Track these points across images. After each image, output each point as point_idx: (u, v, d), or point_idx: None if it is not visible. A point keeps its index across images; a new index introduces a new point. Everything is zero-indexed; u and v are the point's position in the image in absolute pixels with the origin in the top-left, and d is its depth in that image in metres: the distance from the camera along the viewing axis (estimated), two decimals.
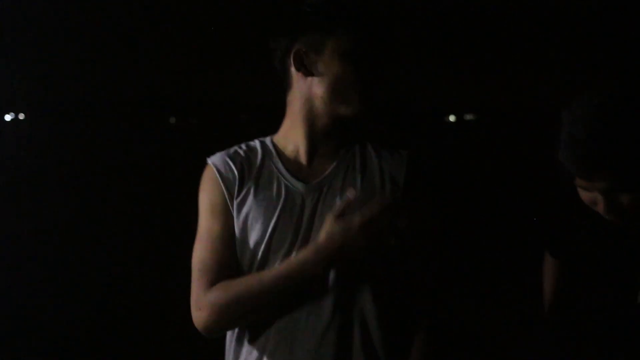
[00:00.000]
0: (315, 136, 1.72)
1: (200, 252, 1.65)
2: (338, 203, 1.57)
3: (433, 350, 1.71)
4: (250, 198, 1.64)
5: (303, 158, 1.73)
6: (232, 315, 1.59)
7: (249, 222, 1.62)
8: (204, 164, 1.82)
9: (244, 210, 1.65)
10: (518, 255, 1.79)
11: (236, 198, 1.66)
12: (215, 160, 1.70)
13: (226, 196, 1.66)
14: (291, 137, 1.75)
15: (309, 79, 1.64)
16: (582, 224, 1.71)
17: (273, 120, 1.82)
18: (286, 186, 1.65)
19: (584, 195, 1.55)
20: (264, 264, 1.61)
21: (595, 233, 1.68)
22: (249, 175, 1.66)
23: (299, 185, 1.65)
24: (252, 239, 1.62)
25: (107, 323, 4.61)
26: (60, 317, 4.52)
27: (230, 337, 1.69)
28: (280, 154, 1.72)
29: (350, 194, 1.53)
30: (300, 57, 1.66)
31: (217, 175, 1.67)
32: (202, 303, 1.60)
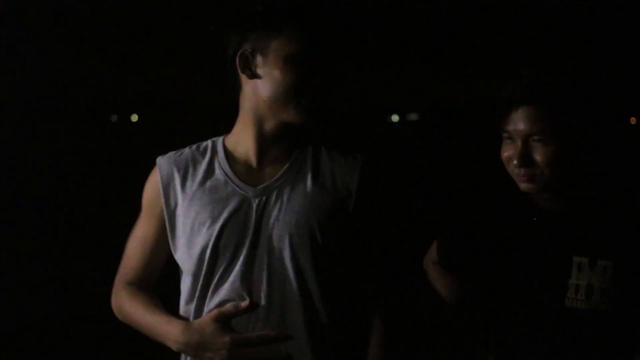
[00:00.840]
0: (264, 139, 1.69)
1: (129, 245, 1.78)
2: (229, 306, 1.61)
3: (388, 337, 1.73)
4: (197, 202, 1.68)
5: (253, 161, 1.71)
6: (128, 323, 1.75)
7: (196, 226, 1.66)
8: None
9: (191, 214, 1.68)
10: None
11: (182, 203, 1.69)
12: (161, 162, 1.74)
13: (162, 202, 1.71)
14: (242, 138, 1.72)
15: (254, 81, 1.66)
16: (514, 225, 1.76)
17: (218, 120, 1.81)
18: (233, 189, 1.67)
19: (505, 150, 1.66)
20: (212, 267, 1.65)
21: (524, 238, 1.72)
22: (194, 178, 1.71)
23: (247, 189, 1.67)
24: (199, 242, 1.65)
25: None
26: None
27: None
28: (229, 155, 1.72)
29: (244, 303, 1.59)
30: (246, 59, 1.66)
31: (159, 179, 1.72)
32: (115, 294, 1.77)
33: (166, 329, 1.66)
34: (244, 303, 1.59)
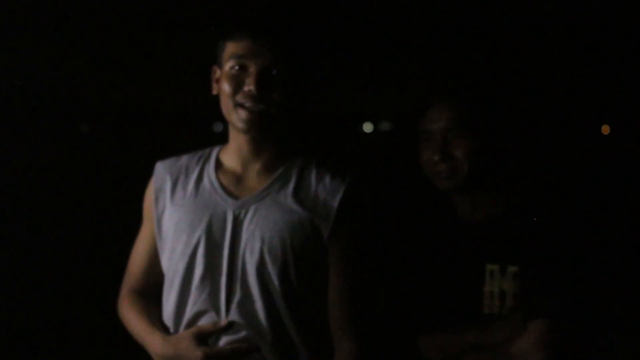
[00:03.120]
0: (243, 151, 1.73)
1: (133, 251, 1.88)
2: (209, 324, 1.67)
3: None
4: (181, 209, 1.72)
5: (239, 172, 1.76)
6: (128, 329, 1.84)
7: (177, 233, 1.71)
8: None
9: (174, 219, 1.73)
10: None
11: (169, 209, 1.74)
12: (158, 168, 1.82)
13: (152, 205, 1.77)
14: (229, 149, 1.78)
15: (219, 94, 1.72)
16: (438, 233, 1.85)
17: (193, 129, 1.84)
18: (215, 200, 1.72)
19: (424, 151, 1.79)
20: (189, 277, 1.71)
21: (443, 247, 1.84)
22: (185, 185, 1.75)
23: (227, 201, 1.71)
24: (178, 250, 1.71)
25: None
26: None
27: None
28: (219, 165, 1.77)
29: (223, 322, 1.65)
30: (214, 72, 1.74)
31: (153, 183, 1.80)
32: (119, 301, 1.87)
33: (148, 339, 1.74)
34: (223, 322, 1.64)
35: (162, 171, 1.79)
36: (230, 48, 1.68)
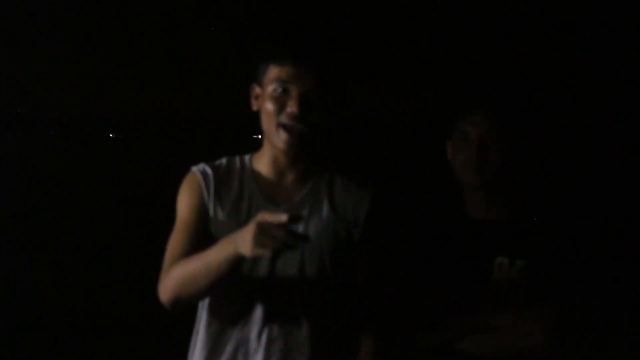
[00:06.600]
0: (276, 162, 1.80)
1: (173, 243, 1.74)
2: (269, 214, 1.53)
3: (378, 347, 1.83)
4: (223, 213, 1.76)
5: (274, 181, 1.79)
6: (185, 286, 1.65)
7: (219, 238, 1.68)
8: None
9: (215, 224, 1.76)
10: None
11: (211, 212, 1.76)
12: (200, 168, 1.81)
13: (205, 199, 1.76)
14: (264, 160, 1.81)
15: (259, 110, 1.77)
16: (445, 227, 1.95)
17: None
18: (257, 207, 1.75)
19: (460, 150, 1.88)
20: (230, 282, 1.69)
21: (456, 242, 1.91)
22: (227, 191, 1.78)
23: (270, 208, 1.73)
24: None
25: None
26: None
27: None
28: (255, 173, 1.81)
29: (283, 217, 1.50)
30: (253, 90, 1.79)
31: (201, 179, 1.77)
32: (161, 281, 1.70)
33: (222, 246, 1.59)
34: (284, 216, 1.51)
35: (204, 168, 1.80)
36: (274, 71, 1.71)
